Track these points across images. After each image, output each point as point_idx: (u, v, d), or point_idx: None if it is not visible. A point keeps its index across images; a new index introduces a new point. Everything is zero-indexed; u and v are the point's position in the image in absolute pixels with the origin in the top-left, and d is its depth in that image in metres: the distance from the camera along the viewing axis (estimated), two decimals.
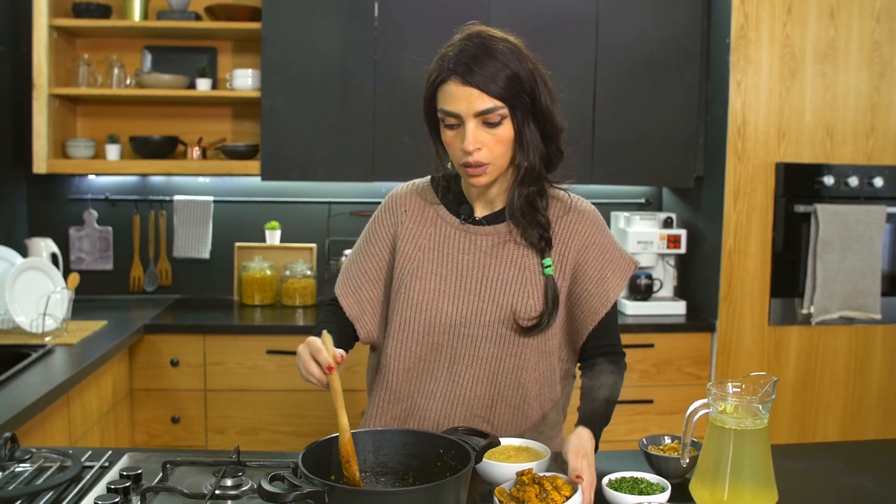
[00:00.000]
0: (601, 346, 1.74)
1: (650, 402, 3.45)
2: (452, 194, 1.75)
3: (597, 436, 1.61)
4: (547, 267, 1.66)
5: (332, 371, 1.37)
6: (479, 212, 1.72)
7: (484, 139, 1.56)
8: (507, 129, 1.57)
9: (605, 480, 1.42)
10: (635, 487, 1.41)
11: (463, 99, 1.54)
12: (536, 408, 1.73)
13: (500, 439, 1.57)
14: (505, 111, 1.55)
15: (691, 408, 1.40)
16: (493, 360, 1.68)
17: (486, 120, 1.55)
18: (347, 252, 3.78)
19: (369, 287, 1.77)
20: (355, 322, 1.77)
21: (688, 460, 1.45)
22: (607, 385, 1.69)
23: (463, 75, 1.53)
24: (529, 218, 1.67)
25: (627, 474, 1.46)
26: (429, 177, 1.81)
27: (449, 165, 1.70)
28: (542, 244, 1.67)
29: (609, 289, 1.70)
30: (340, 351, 1.40)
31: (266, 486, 1.15)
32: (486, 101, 1.53)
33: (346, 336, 1.76)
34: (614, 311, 1.74)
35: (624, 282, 1.74)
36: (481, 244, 1.69)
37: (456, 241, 1.71)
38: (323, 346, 1.40)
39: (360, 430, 1.40)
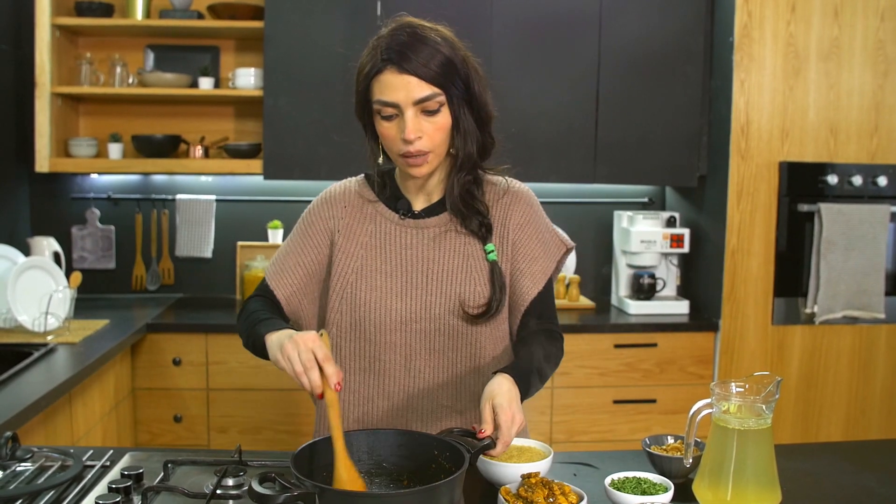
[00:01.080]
0: (538, 326, 1.70)
1: (653, 401, 3.44)
2: (389, 190, 1.74)
3: (518, 380, 1.51)
4: (490, 252, 1.66)
5: (339, 388, 1.34)
6: (417, 205, 1.71)
7: (423, 127, 1.55)
8: (445, 117, 1.56)
9: (607, 480, 1.42)
10: (638, 487, 1.40)
11: (401, 87, 1.53)
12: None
13: None
14: (443, 98, 1.54)
15: (694, 408, 1.39)
16: (450, 350, 1.66)
17: (425, 108, 1.54)
18: None
19: (306, 279, 1.71)
20: (290, 315, 1.72)
21: (691, 460, 1.44)
22: (537, 350, 1.63)
23: (399, 63, 1.53)
24: (469, 206, 1.66)
25: (630, 474, 1.45)
26: (362, 175, 1.79)
27: (380, 160, 1.68)
28: (482, 231, 1.67)
29: (539, 268, 1.69)
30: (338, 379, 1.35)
31: (256, 487, 1.15)
32: (424, 89, 1.53)
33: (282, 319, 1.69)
34: (548, 291, 1.71)
35: (554, 263, 1.72)
36: (423, 237, 1.68)
37: (397, 236, 1.69)
38: (325, 345, 1.36)
39: (356, 431, 1.39)
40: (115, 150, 3.59)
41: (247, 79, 3.55)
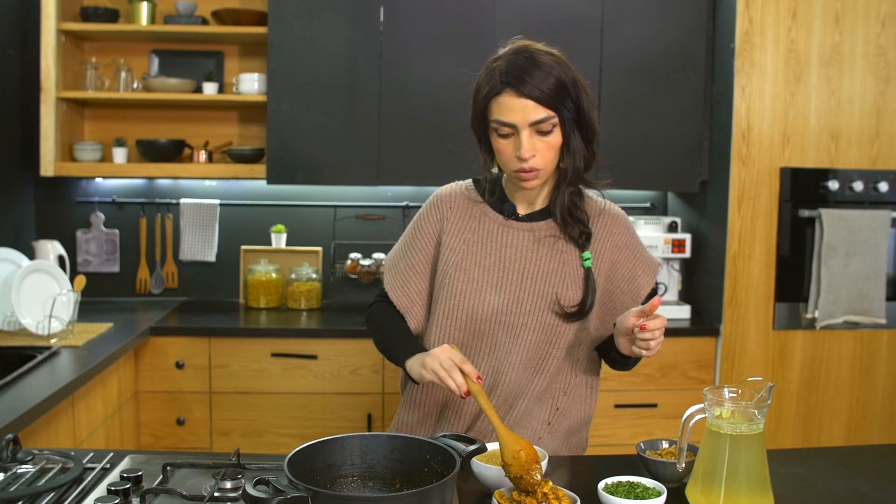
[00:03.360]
0: None
1: (654, 406, 3.45)
2: (496, 195, 1.86)
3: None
4: (586, 259, 1.79)
5: (480, 380, 1.58)
6: (522, 210, 1.84)
7: (537, 147, 1.68)
8: (556, 137, 1.70)
9: (601, 485, 1.43)
10: (631, 492, 1.41)
11: (518, 110, 1.66)
12: (555, 395, 1.83)
13: (498, 445, 1.59)
14: (556, 120, 1.68)
15: (687, 412, 1.41)
16: (533, 346, 1.78)
17: (539, 129, 1.67)
18: (353, 255, 3.79)
19: (417, 280, 1.87)
20: (406, 314, 1.87)
21: (684, 465, 1.45)
22: None
23: (517, 87, 1.65)
24: (572, 215, 1.80)
25: (624, 478, 1.46)
26: (470, 179, 1.92)
27: (494, 170, 1.81)
28: (582, 239, 1.80)
29: (640, 286, 1.83)
30: (475, 374, 1.59)
31: (250, 490, 1.17)
32: (539, 112, 1.66)
33: (407, 327, 1.88)
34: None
35: (653, 281, 1.86)
36: (524, 238, 1.81)
37: (499, 235, 1.82)
38: (465, 358, 1.59)
39: (349, 435, 1.41)
40: (119, 154, 3.61)
41: (250, 84, 3.57)
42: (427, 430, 1.87)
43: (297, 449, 1.33)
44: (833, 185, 3.40)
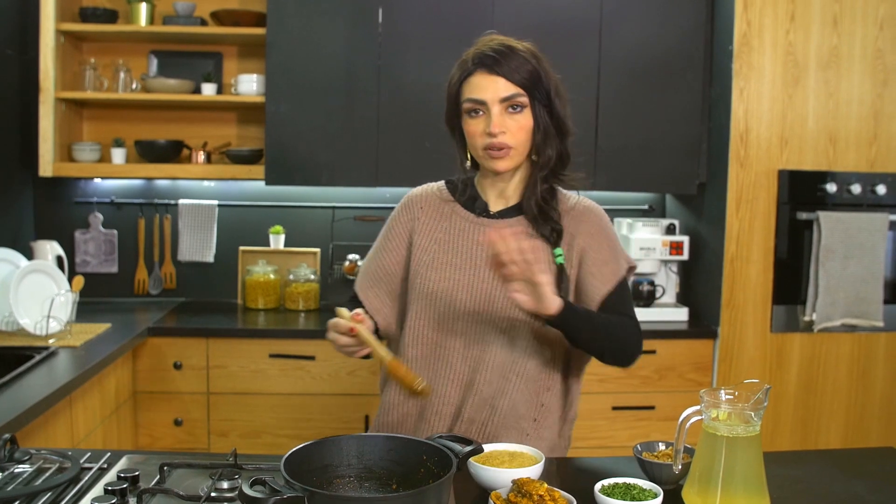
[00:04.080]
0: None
1: (652, 408, 3.45)
2: (468, 194, 1.86)
3: (568, 309, 1.64)
4: (558, 256, 1.77)
5: (355, 330, 1.58)
6: (494, 207, 1.84)
7: (507, 124, 1.70)
8: (527, 118, 1.72)
9: (597, 486, 1.43)
10: (627, 493, 1.42)
11: (489, 86, 1.70)
12: (531, 392, 1.81)
13: (495, 445, 1.60)
14: (526, 99, 1.71)
15: (684, 414, 1.41)
16: (508, 344, 1.76)
17: (511, 103, 1.70)
18: (351, 256, 3.79)
19: (388, 281, 1.87)
20: (375, 315, 1.86)
21: (680, 467, 1.45)
22: (612, 319, 1.76)
23: (489, 66, 1.70)
24: (543, 211, 1.78)
25: (620, 480, 1.46)
26: (444, 180, 1.93)
27: (468, 165, 1.82)
28: (553, 236, 1.79)
29: (612, 270, 1.80)
30: (356, 311, 1.61)
31: (247, 490, 1.17)
32: (510, 88, 1.70)
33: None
34: (622, 293, 1.81)
35: (625, 268, 1.83)
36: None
37: (470, 233, 1.82)
38: (340, 317, 1.60)
39: (345, 436, 1.41)
40: (118, 154, 3.61)
41: (249, 85, 3.57)
42: (406, 432, 1.84)
43: (294, 449, 1.33)
44: (831, 187, 3.41)
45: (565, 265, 1.77)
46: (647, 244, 3.58)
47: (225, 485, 1.42)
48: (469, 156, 1.82)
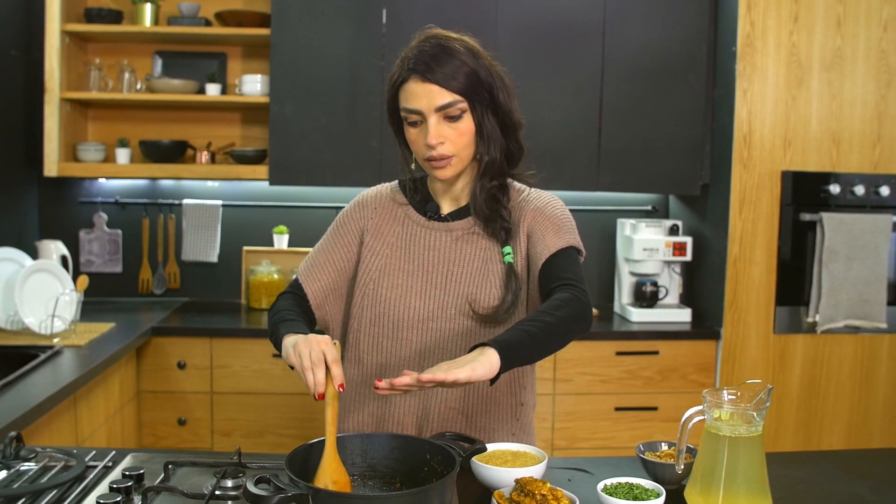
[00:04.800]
0: (556, 282, 1.62)
1: (655, 409, 3.45)
2: (420, 194, 1.81)
3: (500, 349, 1.40)
4: (507, 255, 1.70)
5: (342, 389, 1.39)
6: (446, 208, 1.78)
7: (446, 133, 1.62)
8: (467, 123, 1.63)
9: (600, 486, 1.43)
10: (630, 493, 1.42)
11: (423, 96, 1.61)
12: (507, 393, 1.75)
13: (498, 445, 1.60)
14: (464, 105, 1.62)
15: (686, 414, 1.41)
16: (462, 351, 1.66)
17: (447, 114, 1.61)
18: None
19: (335, 278, 1.79)
20: (317, 310, 1.78)
21: (682, 466, 1.46)
22: (546, 306, 1.55)
23: (423, 73, 1.60)
24: (492, 210, 1.71)
25: (623, 480, 1.47)
26: (396, 181, 1.86)
27: (413, 167, 1.76)
28: (502, 234, 1.71)
29: (554, 240, 1.67)
30: (341, 383, 1.40)
31: (251, 488, 1.17)
32: (445, 96, 1.60)
33: (305, 322, 1.73)
34: (568, 260, 1.66)
35: (568, 240, 1.68)
36: (446, 240, 1.74)
37: (422, 238, 1.75)
38: (338, 358, 1.41)
39: (349, 434, 1.42)
40: (122, 154, 3.62)
41: (253, 85, 3.58)
42: None
43: (299, 448, 1.33)
44: (834, 188, 3.41)
45: (515, 261, 1.69)
46: (650, 245, 3.58)
47: (229, 483, 1.43)
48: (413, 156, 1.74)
